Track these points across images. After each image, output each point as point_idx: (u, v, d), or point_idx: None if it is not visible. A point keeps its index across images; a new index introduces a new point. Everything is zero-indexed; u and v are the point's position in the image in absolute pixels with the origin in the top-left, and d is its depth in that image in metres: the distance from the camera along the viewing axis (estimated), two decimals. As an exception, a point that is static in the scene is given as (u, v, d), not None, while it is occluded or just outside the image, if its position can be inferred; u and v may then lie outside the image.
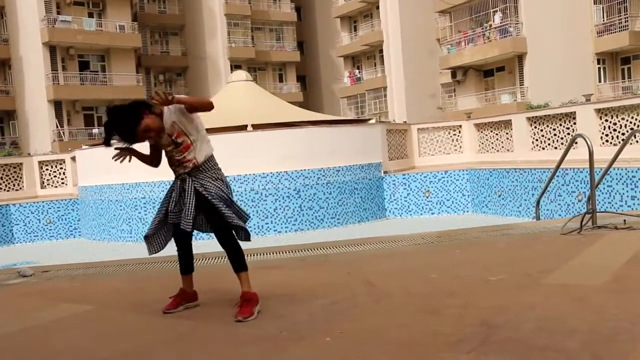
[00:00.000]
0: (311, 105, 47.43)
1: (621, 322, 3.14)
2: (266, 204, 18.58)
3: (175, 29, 47.00)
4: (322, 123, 21.90)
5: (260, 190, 18.58)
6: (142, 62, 44.14)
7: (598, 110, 17.55)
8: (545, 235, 6.14)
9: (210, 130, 19.14)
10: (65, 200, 22.15)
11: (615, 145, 15.88)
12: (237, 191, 18.39)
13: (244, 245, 4.01)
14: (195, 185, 3.90)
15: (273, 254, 6.31)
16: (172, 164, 4.06)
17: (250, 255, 6.23)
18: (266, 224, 18.64)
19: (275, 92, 41.37)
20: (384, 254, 5.82)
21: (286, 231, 18.58)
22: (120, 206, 19.68)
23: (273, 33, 50.55)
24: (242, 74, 25.79)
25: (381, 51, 43.59)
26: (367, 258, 5.67)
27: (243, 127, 19.74)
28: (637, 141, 12.40)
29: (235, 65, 44.02)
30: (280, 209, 18.65)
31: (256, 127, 19.88)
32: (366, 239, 6.74)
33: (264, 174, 18.59)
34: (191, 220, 3.83)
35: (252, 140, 19.12)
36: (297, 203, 18.73)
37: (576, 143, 7.83)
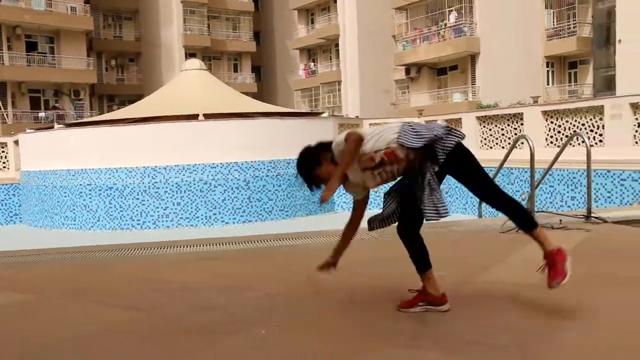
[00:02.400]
0: (265, 96, 47.22)
1: (551, 318, 3.21)
2: (215, 195, 18.45)
3: (129, 13, 46.12)
4: (275, 115, 21.84)
5: (209, 180, 18.43)
6: (94, 46, 43.20)
7: (544, 113, 17.93)
8: (486, 233, 6.23)
9: (159, 119, 18.91)
10: (7, 184, 21.55)
11: (559, 146, 16.25)
12: (186, 181, 18.23)
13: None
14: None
15: (215, 245, 6.25)
16: (397, 175, 3.60)
17: (192, 246, 6.18)
18: (214, 214, 18.51)
19: (230, 82, 41.04)
20: (327, 248, 5.81)
21: (234, 222, 18.49)
22: (65, 192, 19.25)
23: (229, 22, 50.07)
24: (196, 62, 25.52)
25: (337, 45, 43.62)
26: (309, 251, 5.65)
27: (194, 116, 19.54)
28: (578, 144, 12.71)
29: (190, 54, 43.47)
30: (229, 200, 18.55)
31: (208, 116, 19.70)
32: (310, 233, 6.72)
33: (213, 164, 18.44)
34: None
35: (203, 129, 18.95)
36: (246, 194, 18.66)
37: (522, 143, 7.96)
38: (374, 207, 3.63)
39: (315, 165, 3.53)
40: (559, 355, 2.70)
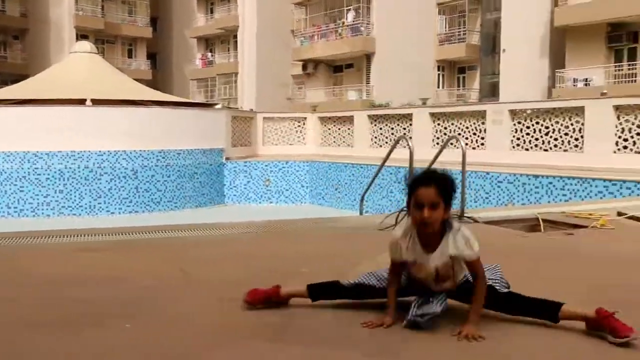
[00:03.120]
0: (160, 84, 46.12)
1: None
2: (100, 183, 17.86)
3: (14, -14, 43.68)
4: (167, 104, 21.39)
5: (95, 168, 17.82)
6: (-27, 20, 40.72)
7: (432, 114, 18.58)
8: (364, 230, 6.38)
9: (44, 102, 17.96)
10: None
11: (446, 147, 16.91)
12: (70, 168, 17.56)
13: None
14: None
15: (94, 235, 6.07)
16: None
17: (70, 237, 5.96)
18: (99, 203, 17.93)
19: (123, 68, 39.80)
20: (207, 241, 5.78)
21: (120, 212, 17.99)
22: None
23: (125, 5, 48.50)
24: (86, 45, 24.57)
25: (236, 36, 43.24)
26: (188, 244, 5.60)
27: (82, 101, 18.84)
28: (455, 146, 13.29)
29: (81, 35, 41.80)
30: (115, 189, 18.01)
31: (97, 102, 19.04)
32: (192, 225, 6.65)
33: (100, 151, 17.84)
34: None
35: (90, 115, 18.29)
36: (133, 184, 18.18)
37: (406, 142, 8.21)
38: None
39: (408, 203, 2.96)
40: (411, 346, 2.82)
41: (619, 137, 14.19)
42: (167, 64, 52.96)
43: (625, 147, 14.09)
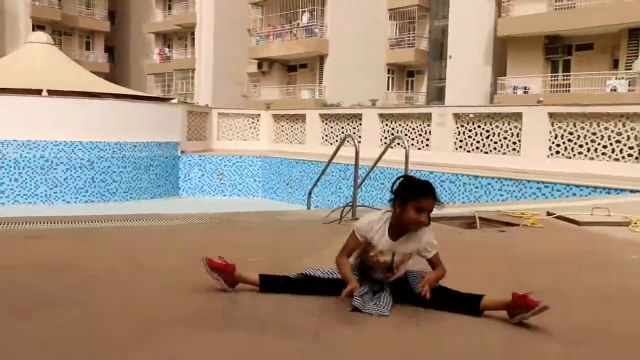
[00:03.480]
0: (118, 78, 45.32)
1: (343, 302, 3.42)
2: (56, 173, 17.53)
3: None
4: (124, 97, 21.08)
5: (51, 158, 17.48)
6: None
7: (381, 115, 18.80)
8: (310, 223, 6.47)
9: (-2, 91, 17.01)
10: None
11: (392, 147, 17.17)
12: (25, 157, 17.18)
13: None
14: None
15: (45, 223, 5.99)
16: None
17: (21, 224, 5.88)
18: (55, 193, 17.60)
19: (81, 60, 38.92)
20: (157, 231, 5.77)
21: (76, 201, 17.70)
22: None
23: (83, -2, 47.47)
24: (42, 35, 23.99)
25: (193, 33, 42.84)
26: (139, 234, 5.59)
27: (38, 92, 18.42)
28: (401, 146, 13.54)
29: (38, 26, 40.67)
30: (71, 179, 17.71)
31: (53, 93, 18.64)
32: (143, 215, 6.62)
33: (56, 141, 17.51)
34: None
35: (46, 106, 17.91)
36: (89, 174, 17.91)
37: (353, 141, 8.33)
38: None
39: (402, 200, 3.17)
40: (348, 335, 2.91)
41: (552, 142, 14.64)
42: (125, 58, 52.07)
43: (557, 152, 14.55)
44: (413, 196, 3.13)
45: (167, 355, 2.60)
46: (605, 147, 13.67)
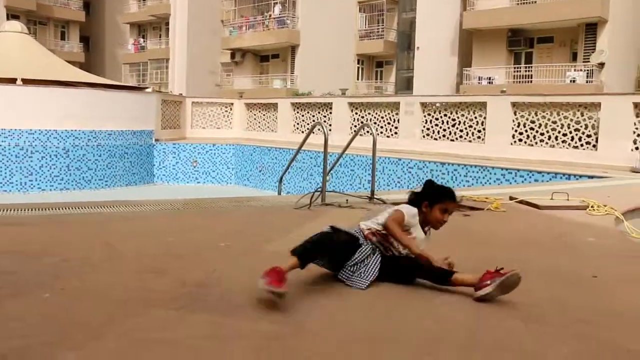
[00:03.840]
0: (93, 67, 44.53)
1: (316, 284, 3.41)
2: (31, 161, 17.21)
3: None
4: (99, 86, 20.73)
5: (26, 146, 17.15)
6: None
7: (350, 104, 18.79)
8: (281, 208, 6.44)
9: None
10: None
11: (361, 135, 17.16)
12: (0, 145, 16.83)
13: None
14: None
15: (20, 210, 5.87)
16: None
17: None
18: (30, 180, 17.29)
19: (56, 50, 38.25)
20: (131, 217, 5.69)
21: (51, 189, 17.41)
22: None
23: (58, -12, 46.47)
24: (16, 25, 23.44)
25: (167, 24, 42.27)
26: (113, 220, 5.50)
27: (12, 80, 18.03)
28: (370, 134, 13.56)
29: (12, 15, 39.68)
30: (46, 167, 17.40)
31: (27, 81, 18.27)
32: (118, 202, 6.52)
33: (31, 130, 17.18)
34: None
35: (21, 94, 17.53)
36: (64, 162, 17.61)
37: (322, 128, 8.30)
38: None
39: (430, 203, 3.54)
40: (315, 316, 2.90)
41: (515, 130, 14.79)
42: (100, 48, 51.19)
43: (520, 140, 14.70)
44: (440, 199, 3.52)
45: (138, 334, 2.57)
46: (565, 135, 13.85)
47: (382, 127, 17.66)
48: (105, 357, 2.32)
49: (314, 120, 19.84)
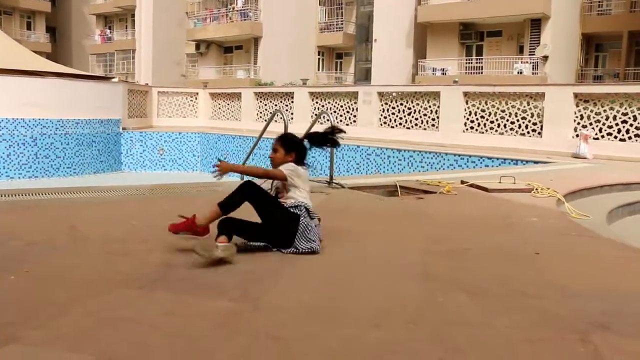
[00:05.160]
0: (60, 57, 43.34)
1: (273, 264, 3.42)
2: (-1, 149, 16.72)
3: None
4: (66, 76, 20.20)
5: (-7, 134, 16.65)
6: None
7: (311, 93, 18.74)
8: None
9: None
10: None
11: (322, 123, 17.14)
12: (-33, 133, 16.30)
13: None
14: None
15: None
16: None
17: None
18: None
19: (22, 40, 37.10)
20: (96, 202, 5.59)
21: (20, 177, 16.96)
22: None
23: (23, -21, 44.97)
24: (-18, 15, 22.62)
25: (133, 15, 41.41)
26: (78, 205, 5.39)
27: (-23, 70, 17.45)
28: (328, 120, 13.59)
29: (-23, 6, 38.48)
30: (14, 155, 16.93)
31: (-7, 71, 17.69)
32: (83, 188, 6.40)
33: (-2, 119, 16.67)
34: None
35: (-13, 84, 16.98)
36: (32, 151, 17.17)
37: (282, 115, 8.27)
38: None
39: (286, 149, 3.94)
40: (272, 292, 2.91)
41: (467, 119, 14.97)
42: (67, 38, 49.87)
43: (471, 128, 14.90)
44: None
45: (102, 312, 2.55)
46: (512, 123, 14.07)
47: (341, 115, 17.67)
48: (70, 335, 2.29)
49: (276, 109, 19.72)
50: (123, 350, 2.17)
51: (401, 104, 16.40)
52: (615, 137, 12.30)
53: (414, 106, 16.08)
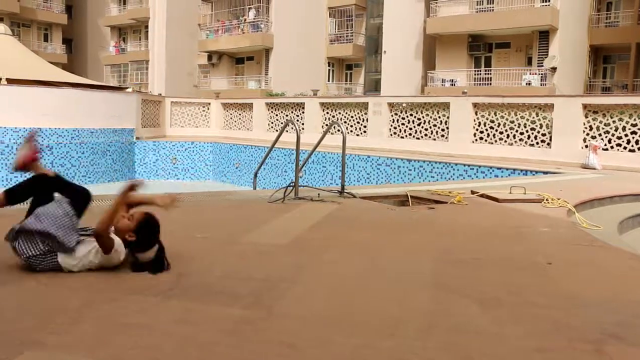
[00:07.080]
0: (75, 68, 43.80)
1: (287, 272, 3.41)
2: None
3: None
4: (81, 86, 20.37)
5: (10, 144, 16.79)
6: None
7: (322, 104, 18.76)
8: (256, 202, 6.40)
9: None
10: None
11: (332, 134, 17.08)
12: (-16, 142, 16.44)
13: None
14: None
15: None
16: None
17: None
18: (15, 177, 16.87)
19: (39, 52, 37.50)
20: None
21: (35, 185, 17.05)
22: None
23: (41, -8, 45.49)
24: (0, 26, 22.91)
25: (147, 27, 41.74)
26: (93, 213, 5.41)
27: (-4, 80, 17.63)
28: (340, 132, 13.57)
29: (-4, 18, 38.91)
30: (30, 163, 17.03)
31: (12, 81, 17.87)
32: (97, 196, 6.39)
33: (16, 128, 16.81)
34: None
35: (6, 94, 17.15)
36: (49, 160, 17.26)
37: (294, 126, 8.28)
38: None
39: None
40: (287, 298, 2.90)
41: (476, 129, 14.92)
42: (82, 50, 50.34)
43: (481, 138, 14.84)
44: None
45: (115, 318, 2.55)
46: (522, 133, 14.01)
47: (351, 126, 17.68)
48: (85, 340, 2.28)
49: (287, 120, 19.74)
50: (136, 356, 2.16)
51: (411, 115, 16.38)
52: (625, 147, 12.21)
53: (423, 117, 16.05)
